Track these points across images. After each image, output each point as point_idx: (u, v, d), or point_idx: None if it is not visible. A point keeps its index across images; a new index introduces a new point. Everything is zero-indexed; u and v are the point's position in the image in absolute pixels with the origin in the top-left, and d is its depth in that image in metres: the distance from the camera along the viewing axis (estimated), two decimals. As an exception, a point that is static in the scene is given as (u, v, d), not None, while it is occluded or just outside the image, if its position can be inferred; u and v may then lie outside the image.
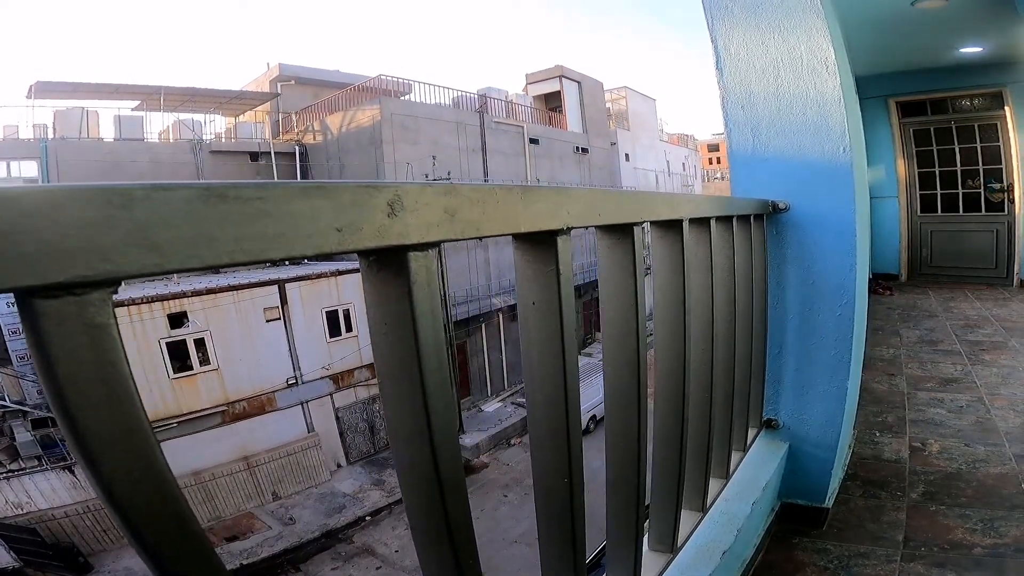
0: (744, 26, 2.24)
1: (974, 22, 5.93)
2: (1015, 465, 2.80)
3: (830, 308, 2.16)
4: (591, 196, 0.99)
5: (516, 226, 0.80)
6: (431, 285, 0.67)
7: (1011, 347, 4.85)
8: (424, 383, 0.67)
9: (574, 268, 0.96)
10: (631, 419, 1.12)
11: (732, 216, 1.68)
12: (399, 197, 0.61)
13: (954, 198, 8.32)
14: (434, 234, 0.66)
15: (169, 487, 0.48)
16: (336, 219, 0.55)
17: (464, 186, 0.70)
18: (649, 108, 37.39)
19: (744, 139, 2.23)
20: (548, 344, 0.90)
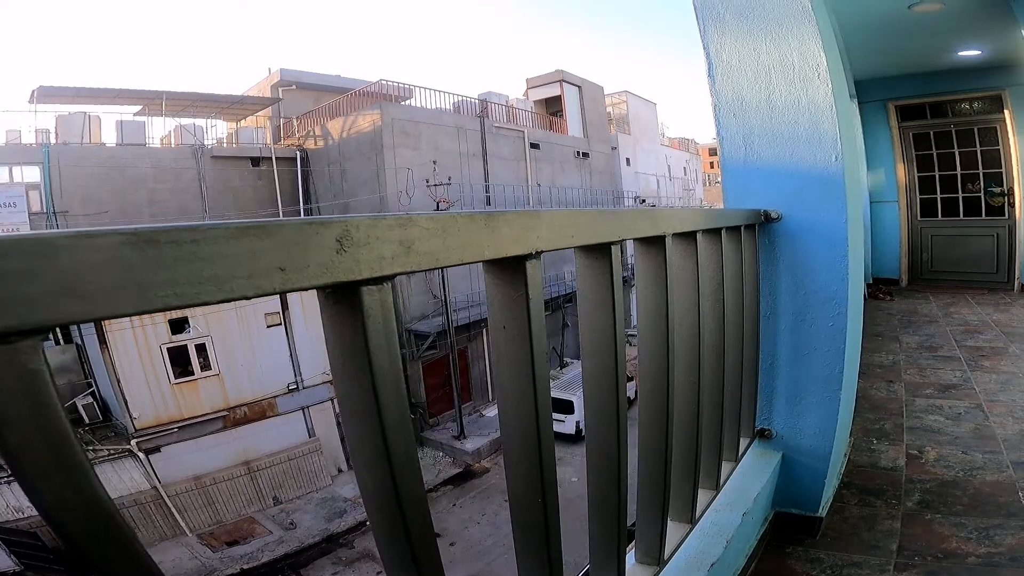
0: (736, 32, 2.24)
1: (971, 25, 5.93)
2: (1012, 473, 2.78)
3: (823, 318, 2.14)
4: (562, 218, 0.97)
5: (480, 254, 0.79)
6: (386, 318, 0.67)
7: (1011, 353, 4.82)
8: (381, 413, 0.67)
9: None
10: (611, 435, 1.11)
11: (720, 228, 1.67)
12: (348, 232, 0.60)
13: (954, 202, 8.30)
14: (388, 268, 0.65)
15: (106, 511, 0.49)
16: (279, 259, 0.54)
17: (421, 216, 0.70)
18: (650, 112, 37.38)
19: (736, 147, 2.22)
20: (519, 367, 0.89)
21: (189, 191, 19.35)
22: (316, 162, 22.25)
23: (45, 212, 16.48)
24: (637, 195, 32.33)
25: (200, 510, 14.53)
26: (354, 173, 20.58)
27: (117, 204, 17.55)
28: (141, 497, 13.71)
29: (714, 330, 1.65)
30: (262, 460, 15.59)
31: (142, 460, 14.04)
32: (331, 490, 16.30)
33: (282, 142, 23.42)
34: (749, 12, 2.20)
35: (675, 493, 1.47)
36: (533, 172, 25.02)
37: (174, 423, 14.63)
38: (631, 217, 1.24)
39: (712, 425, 1.70)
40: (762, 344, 2.20)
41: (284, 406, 16.19)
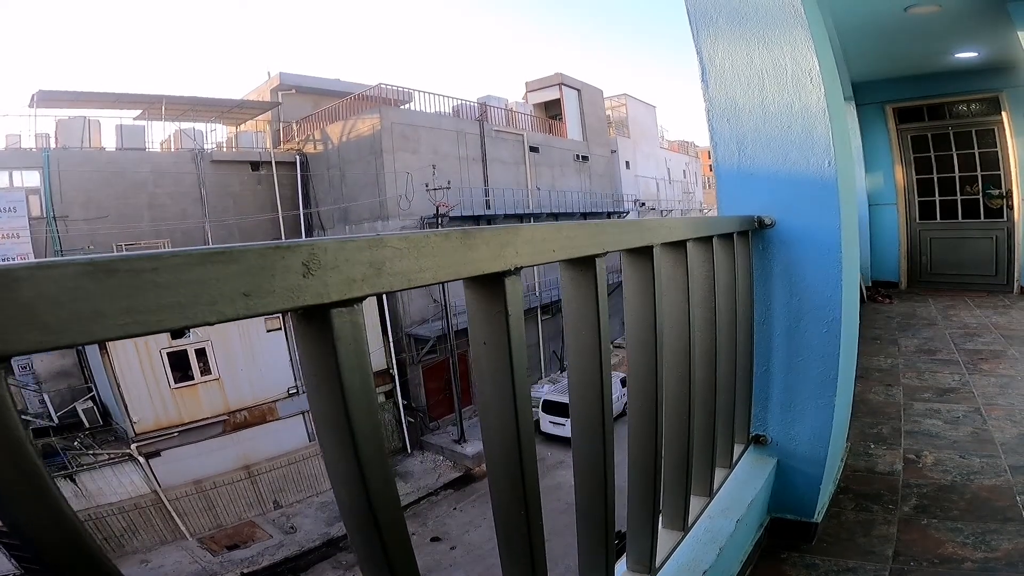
0: (729, 37, 2.23)
1: (968, 27, 5.94)
2: (1010, 477, 2.77)
3: (816, 325, 2.14)
4: (542, 232, 0.97)
5: (456, 272, 0.79)
6: (357, 339, 0.67)
7: (1010, 356, 4.81)
8: (353, 432, 0.67)
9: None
10: (597, 446, 1.11)
11: (712, 236, 1.66)
12: (315, 256, 0.60)
13: (953, 204, 8.29)
14: (358, 290, 0.65)
15: (73, 529, 0.50)
16: (242, 285, 0.54)
17: (393, 236, 0.69)
18: (649, 115, 37.43)
19: (730, 153, 2.22)
20: (500, 382, 0.89)
21: (189, 195, 19.37)
22: (316, 166, 22.28)
23: (45, 217, 16.49)
24: (637, 198, 32.34)
25: (200, 514, 14.53)
26: (354, 177, 20.60)
27: (117, 209, 17.58)
28: (141, 501, 13.72)
29: (705, 338, 1.65)
30: (262, 464, 15.59)
31: (142, 464, 14.04)
32: (331, 494, 16.16)
33: (282, 146, 23.45)
34: (742, 16, 2.20)
35: (667, 500, 1.47)
36: (532, 176, 25.04)
37: (174, 427, 14.63)
38: (616, 229, 1.23)
39: (704, 432, 1.69)
40: (757, 350, 2.19)
41: (284, 410, 16.19)
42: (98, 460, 13.87)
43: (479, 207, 22.06)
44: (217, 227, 19.67)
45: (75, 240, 16.75)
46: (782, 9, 2.13)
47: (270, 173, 21.16)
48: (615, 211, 29.14)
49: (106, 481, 13.60)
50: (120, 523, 13.29)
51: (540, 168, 25.64)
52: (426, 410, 19.46)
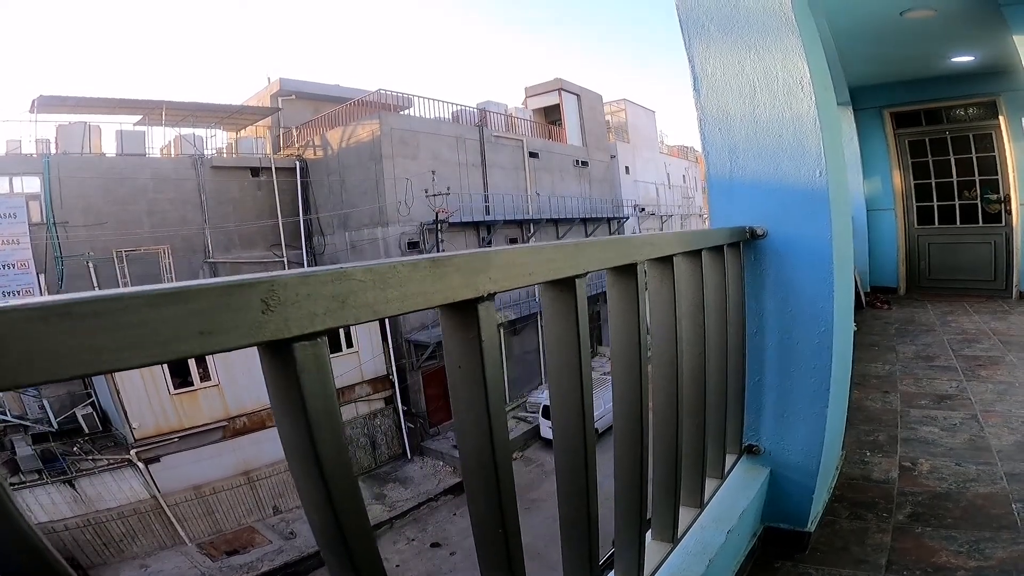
0: (720, 45, 2.23)
1: (963, 31, 5.95)
2: (1006, 484, 2.76)
3: (808, 336, 2.13)
4: (517, 256, 0.96)
5: (427, 301, 0.79)
6: (321, 370, 0.67)
7: (1008, 362, 4.80)
8: (320, 460, 0.67)
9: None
10: (579, 462, 1.11)
11: (700, 250, 1.66)
12: (274, 292, 0.60)
13: (951, 210, 8.30)
14: (321, 323, 0.65)
15: (33, 547, 0.51)
16: (199, 323, 0.54)
17: (358, 268, 0.69)
18: (649, 120, 37.44)
19: (722, 162, 2.21)
20: (475, 407, 0.89)
21: (189, 201, 19.38)
22: (316, 172, 22.29)
23: (45, 223, 16.50)
24: (637, 203, 32.32)
25: (200, 519, 14.51)
26: (353, 183, 20.61)
27: (117, 215, 17.60)
28: (141, 506, 13.69)
29: (693, 351, 1.65)
30: (262, 470, 15.56)
31: (141, 470, 14.02)
32: (331, 500, 16.27)
33: (282, 152, 23.47)
34: (733, 25, 2.20)
35: (656, 512, 1.46)
36: (532, 181, 25.04)
37: (174, 433, 14.61)
38: (598, 248, 1.21)
39: (693, 443, 1.69)
40: (749, 361, 2.19)
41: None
42: (97, 466, 13.86)
43: (479, 213, 22.06)
44: (217, 233, 19.68)
45: (75, 246, 16.76)
46: (773, 17, 2.13)
47: (270, 179, 21.15)
48: (615, 216, 29.12)
49: (105, 486, 13.59)
50: (119, 528, 13.26)
51: (540, 173, 25.64)
52: (426, 416, 19.43)
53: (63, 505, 12.91)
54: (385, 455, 18.16)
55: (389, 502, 16.09)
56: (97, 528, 12.90)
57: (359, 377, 17.62)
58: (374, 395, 18.20)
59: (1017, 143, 7.52)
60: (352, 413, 17.62)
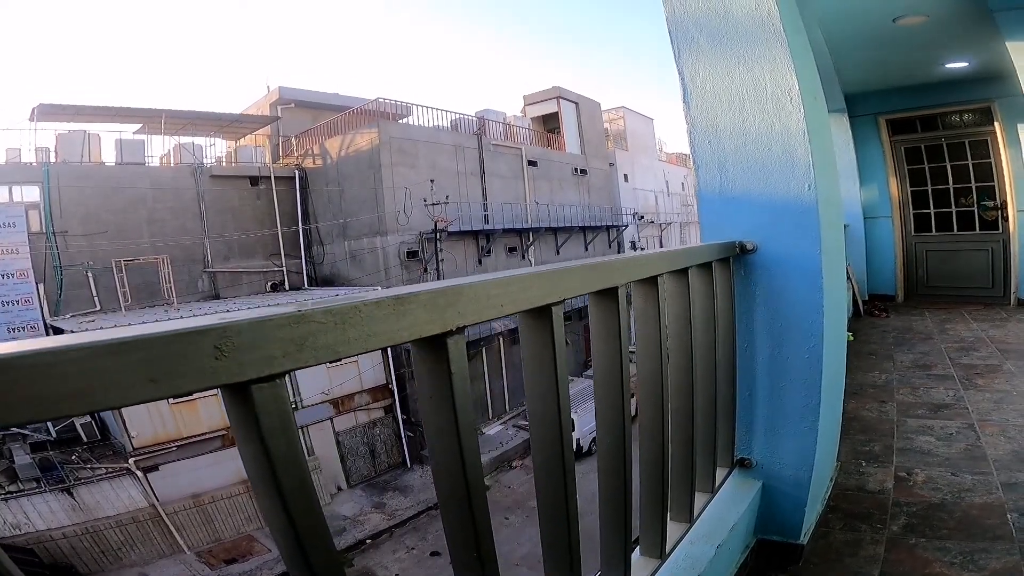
0: (710, 57, 2.23)
1: (956, 37, 5.98)
2: (1001, 494, 2.76)
3: (799, 351, 2.13)
4: (489, 288, 0.95)
5: (391, 338, 0.78)
6: (282, 411, 0.67)
7: (1005, 370, 4.80)
8: (284, 495, 0.67)
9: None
10: (558, 483, 1.12)
11: (688, 268, 1.66)
12: (227, 338, 0.60)
13: (948, 217, 8.32)
14: (279, 366, 0.65)
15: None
16: (148, 372, 0.54)
17: (318, 310, 0.68)
18: (647, 128, 37.48)
19: (712, 176, 2.21)
20: (446, 437, 0.89)
21: (188, 210, 19.39)
22: (315, 181, 22.30)
23: (45, 232, 16.51)
24: (636, 211, 32.33)
25: (199, 528, 14.46)
26: (352, 192, 20.63)
27: (116, 224, 17.61)
28: (139, 515, 13.65)
29: (680, 367, 1.65)
30: (261, 478, 15.53)
31: (140, 478, 13.99)
32: (330, 508, 16.23)
33: (281, 161, 23.50)
34: (722, 36, 2.20)
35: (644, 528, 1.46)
36: (531, 190, 25.06)
37: (173, 442, 14.58)
38: (576, 273, 1.19)
39: (681, 458, 1.69)
40: (740, 375, 2.19)
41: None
42: (96, 474, 13.82)
43: (478, 222, 22.06)
44: (216, 243, 19.68)
45: (75, 256, 16.77)
46: (761, 28, 2.12)
47: (269, 188, 21.16)
48: (614, 225, 29.13)
49: (104, 495, 13.56)
50: (118, 536, 13.23)
51: (539, 182, 25.64)
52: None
53: (61, 513, 12.89)
54: (385, 464, 18.11)
55: (389, 511, 16.04)
56: (95, 536, 12.87)
57: (359, 386, 17.60)
58: (374, 404, 18.17)
59: (1013, 149, 7.54)
60: (352, 422, 17.61)
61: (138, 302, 17.52)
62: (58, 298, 16.55)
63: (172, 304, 17.72)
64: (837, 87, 7.55)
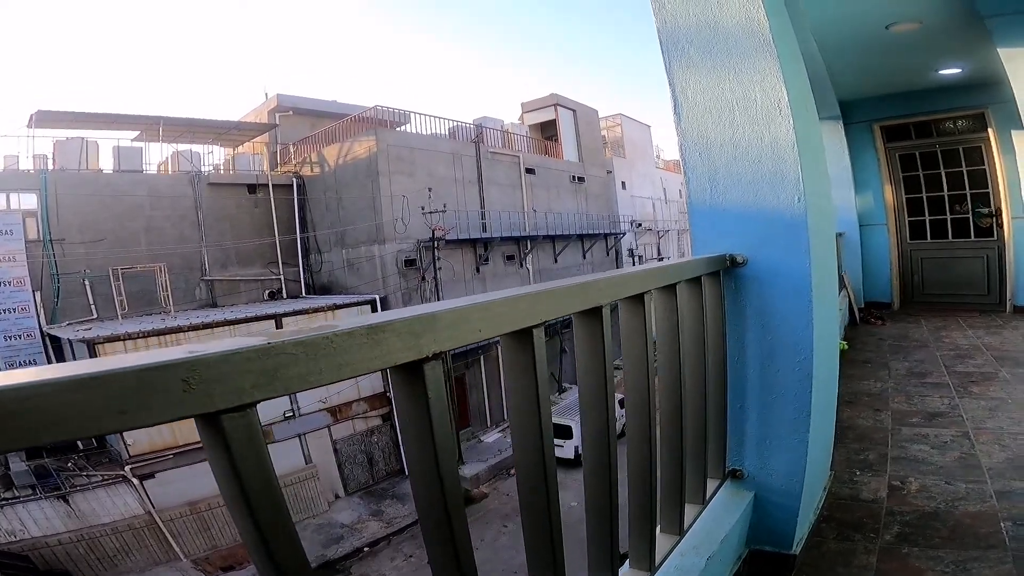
0: (700, 68, 2.23)
1: (949, 44, 6.03)
2: (995, 503, 2.76)
3: (789, 363, 2.13)
4: (465, 313, 0.94)
5: (366, 367, 0.78)
6: (253, 440, 0.67)
7: (1001, 378, 4.81)
8: (257, 518, 0.68)
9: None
10: (542, 502, 1.12)
11: (675, 283, 1.66)
12: (195, 371, 0.61)
13: (943, 224, 8.35)
14: (249, 396, 0.65)
15: None
16: (117, 405, 0.56)
17: (288, 341, 0.69)
18: (644, 135, 37.50)
19: (702, 188, 2.22)
20: (425, 461, 0.90)
21: (186, 218, 19.37)
22: (313, 189, 22.31)
23: (42, 240, 16.49)
24: (633, 219, 32.34)
25: (195, 535, 14.41)
26: (350, 200, 20.64)
27: (114, 232, 17.59)
28: (135, 522, 13.62)
29: (668, 381, 1.65)
30: (258, 486, 15.52)
31: (136, 486, 13.95)
32: (328, 516, 16.20)
33: (279, 168, 23.51)
34: (712, 47, 2.20)
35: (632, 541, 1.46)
36: (529, 198, 25.07)
37: (169, 450, 14.53)
38: (557, 295, 1.18)
39: (670, 470, 1.69)
40: (731, 387, 2.19)
41: (280, 433, 16.09)
42: (92, 481, 13.79)
43: (475, 230, 22.06)
44: (214, 250, 19.67)
45: (72, 264, 16.74)
46: (751, 38, 2.13)
47: (267, 196, 21.16)
48: (612, 232, 29.15)
49: (99, 502, 13.52)
50: (113, 543, 13.19)
51: (536, 190, 25.66)
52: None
53: (56, 520, 12.87)
54: (383, 471, 18.08)
55: (387, 518, 16.01)
56: (91, 543, 12.85)
57: (356, 395, 17.58)
58: (371, 412, 18.14)
59: (1007, 156, 7.56)
60: (349, 430, 17.60)
61: (135, 310, 17.49)
62: (55, 306, 16.52)
63: (169, 312, 17.70)
64: (832, 94, 7.58)
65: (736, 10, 2.15)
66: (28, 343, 16.00)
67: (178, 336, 14.81)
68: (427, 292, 19.90)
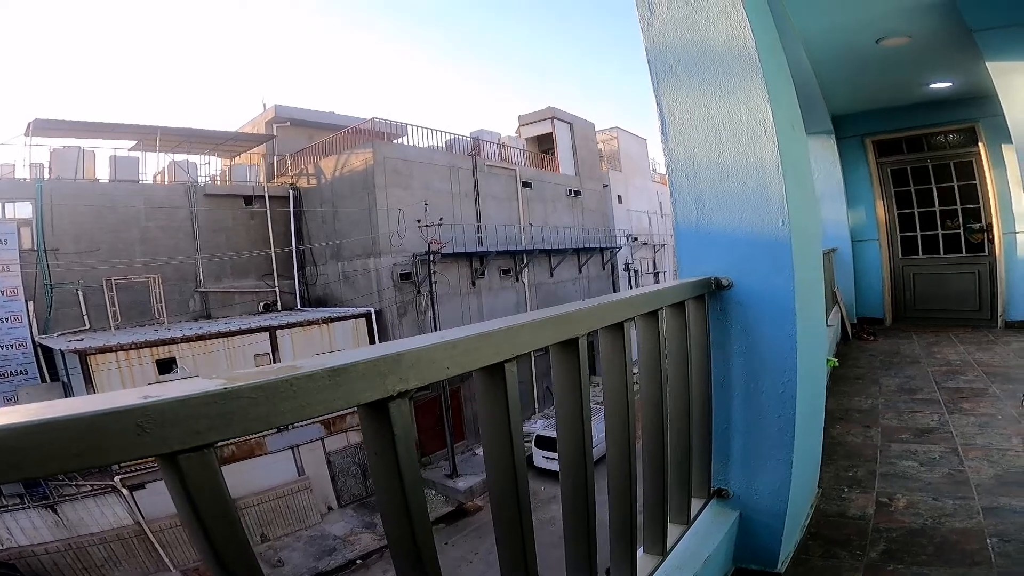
0: (687, 87, 2.24)
1: (939, 58, 6.08)
2: (982, 519, 2.76)
3: (773, 385, 2.14)
4: (432, 352, 0.94)
5: (328, 407, 0.78)
6: (211, 479, 0.68)
7: (991, 394, 4.82)
8: (218, 553, 0.69)
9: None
10: (516, 528, 1.13)
11: (658, 309, 1.66)
12: (149, 417, 0.62)
13: (934, 239, 8.38)
14: (205, 438, 0.66)
15: None
16: (71, 448, 0.57)
17: (246, 386, 0.69)
18: (640, 148, 37.51)
19: (689, 210, 2.23)
20: (393, 494, 0.90)
21: (182, 230, 19.32)
22: (309, 201, 22.29)
23: (36, 250, 16.45)
24: (629, 233, 32.35)
25: (185, 546, 14.29)
26: (346, 212, 20.62)
27: (109, 242, 17.55)
28: (124, 532, 13.53)
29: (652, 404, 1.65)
30: (249, 498, 15.39)
31: (126, 496, 13.86)
32: (320, 528, 16.12)
33: (276, 180, 23.49)
34: (700, 66, 2.21)
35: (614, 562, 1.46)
36: (525, 211, 25.08)
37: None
38: (530, 329, 1.16)
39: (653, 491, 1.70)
40: (717, 408, 2.19)
41: (273, 445, 16.03)
42: (80, 491, 13.70)
43: (471, 244, 22.05)
44: (209, 262, 19.63)
45: (66, 274, 16.69)
46: (738, 57, 2.14)
47: (263, 208, 21.11)
48: (607, 247, 29.17)
49: (88, 512, 13.44)
50: (101, 553, 13.11)
51: (533, 204, 25.65)
52: (419, 445, 19.32)
53: (44, 529, 12.79)
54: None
55: (380, 531, 15.89)
56: (78, 552, 12.78)
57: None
58: (366, 424, 18.07)
59: (997, 170, 7.60)
60: (343, 443, 17.54)
61: (128, 321, 17.43)
62: (47, 316, 16.45)
63: (163, 324, 17.65)
64: (824, 109, 7.63)
65: (723, 28, 2.15)
66: (20, 353, 15.92)
67: (171, 347, 14.77)
68: (423, 306, 19.87)
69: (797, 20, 4.75)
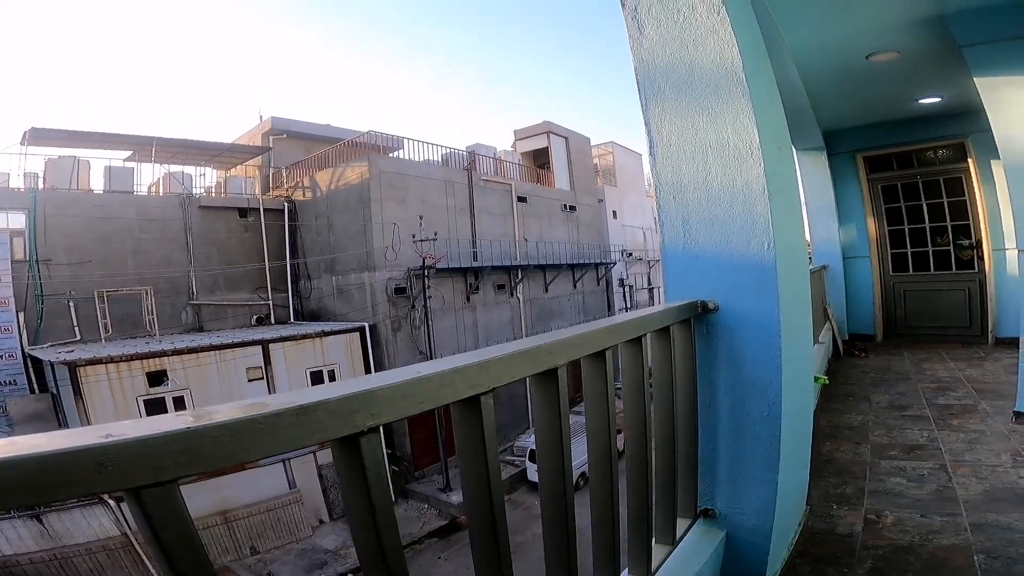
0: (675, 108, 2.25)
1: (928, 73, 6.15)
2: (970, 535, 2.78)
3: (758, 407, 2.15)
4: (404, 388, 0.93)
5: (296, 444, 0.78)
6: (174, 514, 0.69)
7: (980, 410, 4.84)
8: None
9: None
10: (492, 557, 1.15)
11: (641, 336, 1.67)
12: (109, 455, 0.63)
13: (925, 256, 8.42)
14: (169, 474, 0.67)
15: None
16: (34, 481, 0.59)
17: (211, 425, 0.69)
18: (636, 163, 37.60)
19: (676, 233, 2.24)
20: (365, 525, 0.91)
21: (175, 242, 19.26)
22: (304, 214, 22.25)
23: (28, 260, 16.38)
24: (624, 248, 32.38)
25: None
26: (341, 226, 20.60)
27: (101, 253, 17.48)
28: (110, 543, 13.39)
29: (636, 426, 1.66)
30: (240, 510, 15.29)
31: (112, 507, 13.74)
32: (311, 541, 16.00)
33: (271, 192, 23.45)
34: (688, 86, 2.22)
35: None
36: (520, 226, 25.07)
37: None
38: (507, 361, 1.15)
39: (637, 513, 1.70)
40: (703, 429, 2.20)
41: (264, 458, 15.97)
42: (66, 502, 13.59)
43: (466, 259, 22.02)
44: (202, 274, 19.57)
45: (57, 285, 16.62)
46: (725, 77, 2.14)
47: (258, 220, 21.06)
48: (602, 262, 29.19)
49: (74, 522, 13.30)
50: (87, 564, 12.96)
51: (528, 219, 25.66)
52: (411, 459, 19.22)
53: (29, 539, 12.65)
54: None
55: (371, 546, 15.83)
56: (63, 563, 12.63)
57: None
58: (359, 437, 17.99)
59: (987, 185, 7.65)
60: (336, 455, 17.44)
61: (119, 333, 17.34)
62: (38, 327, 16.36)
63: (154, 336, 17.57)
64: (815, 125, 7.69)
65: (711, 48, 2.16)
66: (9, 363, 15.82)
67: (162, 360, 14.70)
68: (417, 321, 19.84)
69: (788, 37, 4.80)
